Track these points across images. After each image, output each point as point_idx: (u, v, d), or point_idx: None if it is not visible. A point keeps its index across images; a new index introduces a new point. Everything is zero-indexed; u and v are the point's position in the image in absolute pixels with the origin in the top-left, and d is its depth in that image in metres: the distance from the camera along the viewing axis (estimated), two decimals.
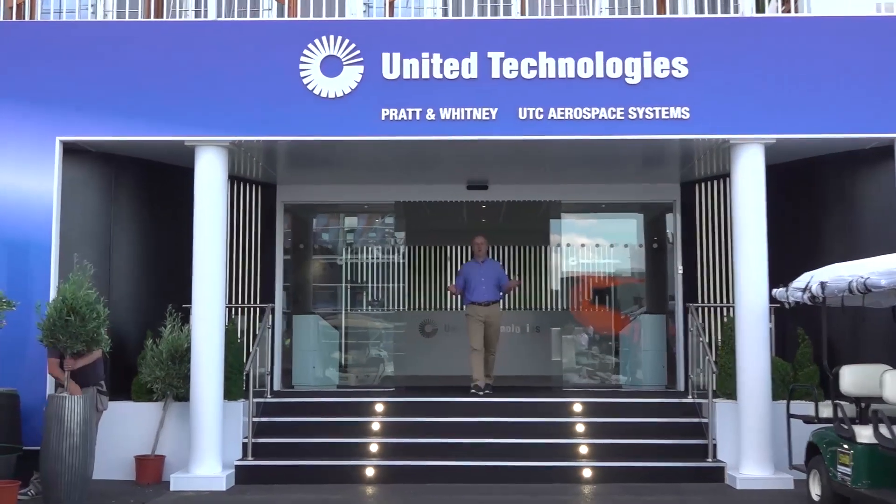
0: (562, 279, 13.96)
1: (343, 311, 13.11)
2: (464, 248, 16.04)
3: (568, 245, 12.32)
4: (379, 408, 9.92)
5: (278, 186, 11.72)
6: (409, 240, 16.70)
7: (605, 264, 12.81)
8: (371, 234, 13.87)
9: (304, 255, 12.94)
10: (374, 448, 9.32)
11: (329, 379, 12.08)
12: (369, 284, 13.08)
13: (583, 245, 12.52)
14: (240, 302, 11.09)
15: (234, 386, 9.49)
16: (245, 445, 9.26)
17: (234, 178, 11.12)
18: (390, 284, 13.75)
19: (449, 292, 11.23)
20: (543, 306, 18.53)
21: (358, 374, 12.64)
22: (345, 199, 11.91)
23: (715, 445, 9.18)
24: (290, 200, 11.84)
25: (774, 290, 8.36)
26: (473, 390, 10.38)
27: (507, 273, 11.55)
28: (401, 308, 18.36)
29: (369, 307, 13.31)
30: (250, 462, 9.15)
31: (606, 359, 12.69)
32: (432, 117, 9.00)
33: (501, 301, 11.04)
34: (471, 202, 12.35)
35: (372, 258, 13.11)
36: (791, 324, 9.81)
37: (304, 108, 9.04)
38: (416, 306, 18.45)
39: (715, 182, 11.17)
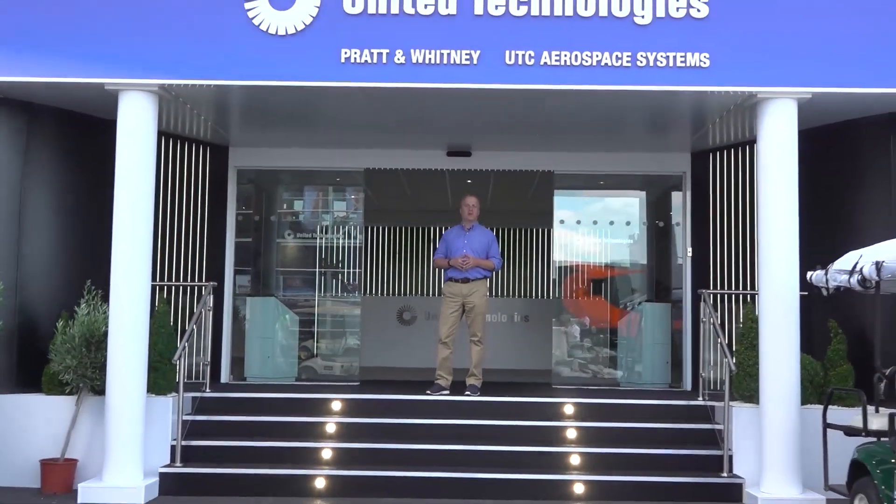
0: (553, 264, 12.53)
1: (315, 295, 11.58)
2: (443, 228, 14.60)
3: (562, 221, 10.78)
4: (336, 406, 8.47)
5: (231, 149, 10.22)
6: (381, 216, 15.36)
7: (601, 248, 11.29)
8: (344, 208, 12.27)
9: (265, 230, 11.42)
10: (327, 454, 7.87)
11: (288, 370, 10.57)
12: (344, 269, 11.55)
13: (578, 222, 10.99)
14: (189, 280, 9.63)
15: (163, 378, 8.04)
16: (173, 449, 7.79)
17: (180, 138, 9.69)
18: (364, 267, 12.31)
19: (435, 266, 9.51)
20: (532, 294, 17.19)
21: (324, 365, 11.15)
22: (306, 164, 10.38)
23: (731, 457, 7.74)
24: (244, 165, 10.33)
25: (810, 274, 6.91)
26: (429, 391, 8.72)
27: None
28: (376, 293, 17.04)
29: (345, 292, 11.79)
30: (178, 469, 7.68)
31: (602, 353, 11.22)
32: (402, 60, 7.52)
33: (488, 280, 9.36)
34: (453, 171, 10.86)
35: (343, 236, 11.59)
36: (819, 315, 8.37)
37: (248, 47, 7.54)
38: (394, 291, 17.12)
39: (731, 151, 9.71)
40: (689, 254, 10.03)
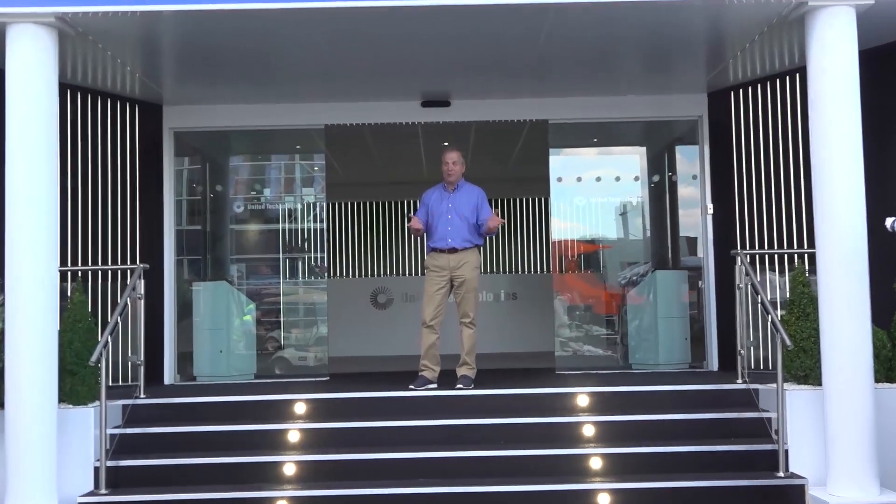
0: (547, 233, 11.04)
1: (277, 280, 10.02)
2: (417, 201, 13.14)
3: (559, 179, 9.27)
4: (300, 408, 6.96)
5: (165, 107, 8.64)
6: (347, 190, 13.92)
7: (601, 210, 9.81)
8: (311, 192, 10.62)
9: (211, 205, 9.83)
10: (289, 470, 6.35)
11: (245, 366, 9.01)
12: (308, 251, 10.00)
13: (579, 179, 9.51)
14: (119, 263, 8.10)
15: (83, 383, 6.48)
16: (97, 471, 6.24)
17: (101, 94, 8.13)
18: (330, 247, 10.73)
19: (410, 232, 7.90)
20: (520, 269, 15.80)
21: (287, 359, 9.63)
22: (257, 122, 8.79)
23: (787, 452, 6.32)
24: (182, 126, 8.73)
25: (890, 220, 5.52)
26: (413, 385, 7.21)
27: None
28: (344, 275, 15.53)
29: (313, 275, 10.25)
30: (103, 497, 6.12)
31: (608, 331, 9.78)
32: None
33: (480, 249, 7.75)
34: (428, 126, 9.31)
35: (308, 214, 10.04)
36: (877, 275, 6.87)
37: None
38: (366, 272, 15.66)
39: (757, 87, 8.25)
40: (710, 211, 8.58)
